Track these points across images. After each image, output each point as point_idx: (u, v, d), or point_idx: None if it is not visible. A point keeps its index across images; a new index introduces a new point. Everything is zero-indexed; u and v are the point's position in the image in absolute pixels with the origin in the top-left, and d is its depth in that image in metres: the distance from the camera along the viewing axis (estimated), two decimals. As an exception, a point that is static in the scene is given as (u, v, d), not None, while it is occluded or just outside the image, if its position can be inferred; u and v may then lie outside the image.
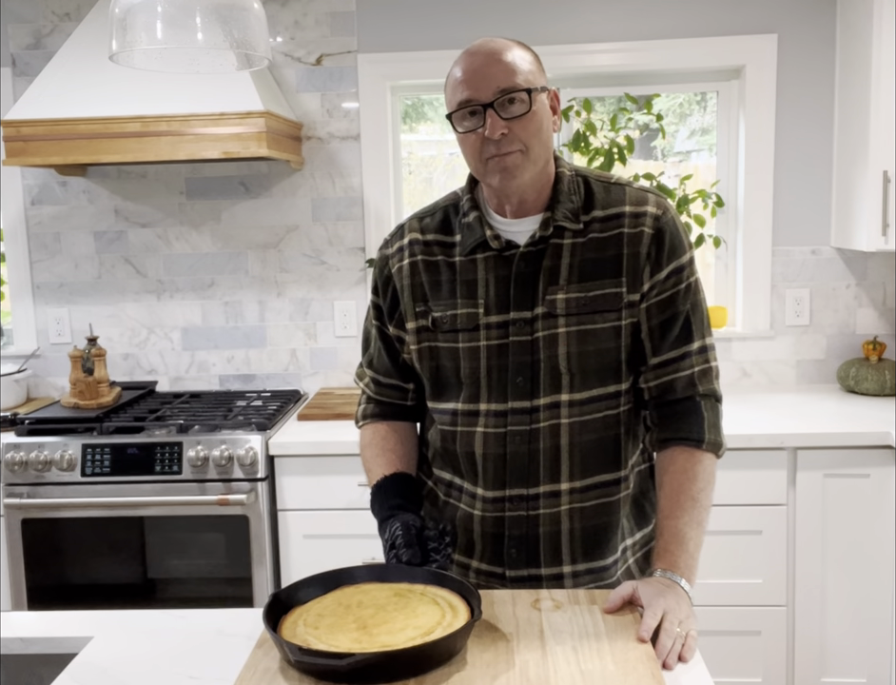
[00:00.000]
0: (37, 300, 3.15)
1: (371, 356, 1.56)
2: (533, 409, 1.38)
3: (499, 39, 1.34)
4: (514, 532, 1.42)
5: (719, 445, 1.41)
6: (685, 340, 1.40)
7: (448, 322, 1.41)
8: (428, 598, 1.25)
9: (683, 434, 1.40)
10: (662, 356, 1.40)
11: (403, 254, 1.47)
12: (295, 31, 2.98)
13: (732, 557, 2.49)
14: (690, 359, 1.40)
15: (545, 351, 1.37)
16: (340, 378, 3.13)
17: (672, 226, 1.38)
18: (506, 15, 2.92)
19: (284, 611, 1.24)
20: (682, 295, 1.39)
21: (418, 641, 1.11)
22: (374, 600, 1.25)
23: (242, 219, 3.08)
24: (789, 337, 3.00)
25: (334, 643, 1.13)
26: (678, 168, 3.16)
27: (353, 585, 1.31)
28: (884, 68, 2.54)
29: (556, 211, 1.37)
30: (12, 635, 1.37)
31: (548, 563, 1.43)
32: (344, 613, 1.22)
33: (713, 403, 1.43)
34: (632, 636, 1.21)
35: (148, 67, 1.46)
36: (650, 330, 1.39)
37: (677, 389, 1.41)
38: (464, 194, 1.45)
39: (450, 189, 1.53)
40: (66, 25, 2.98)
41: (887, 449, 2.41)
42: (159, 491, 2.52)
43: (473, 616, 1.17)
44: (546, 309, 1.36)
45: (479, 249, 1.40)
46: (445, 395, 1.45)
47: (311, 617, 1.21)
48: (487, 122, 1.29)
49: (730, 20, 2.89)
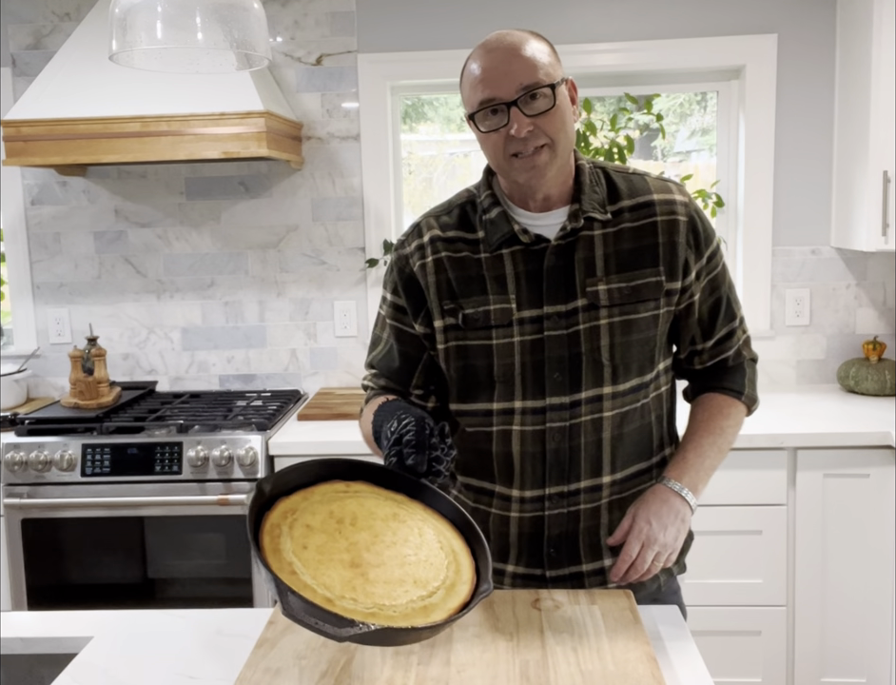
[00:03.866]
0: (37, 300, 3.15)
1: (377, 355, 1.51)
2: (573, 404, 1.37)
3: (515, 32, 1.32)
4: (553, 531, 1.42)
5: (754, 400, 1.50)
6: (731, 318, 1.47)
7: (481, 319, 1.38)
8: (429, 532, 1.15)
9: (726, 384, 1.49)
10: (715, 337, 1.46)
11: (425, 251, 1.42)
12: (295, 31, 2.98)
13: (732, 557, 2.49)
14: (736, 334, 1.48)
15: (586, 344, 1.36)
16: (341, 378, 3.13)
17: (700, 213, 1.42)
18: (506, 15, 2.92)
19: (269, 505, 1.11)
20: (721, 276, 1.45)
21: (418, 605, 1.04)
22: (369, 519, 1.14)
23: (242, 219, 3.08)
24: (789, 337, 3.00)
25: (324, 581, 1.03)
26: (678, 168, 3.17)
27: (345, 482, 1.19)
28: (884, 67, 2.54)
29: (584, 203, 1.36)
30: (12, 635, 1.37)
31: (588, 559, 1.43)
32: (336, 531, 1.11)
33: (752, 364, 1.53)
34: (632, 635, 1.21)
35: (148, 67, 1.46)
36: (700, 316, 1.44)
37: (729, 361, 1.49)
38: (482, 191, 1.43)
39: (450, 189, 1.53)
40: (66, 25, 2.98)
41: (887, 449, 2.41)
42: (159, 491, 2.52)
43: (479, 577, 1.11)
44: (588, 301, 1.35)
45: (506, 244, 1.38)
46: (474, 395, 1.42)
47: (298, 529, 1.09)
48: (512, 120, 1.28)
49: (730, 20, 2.89)
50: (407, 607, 1.04)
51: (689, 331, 1.45)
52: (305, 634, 1.23)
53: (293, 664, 1.17)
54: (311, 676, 1.14)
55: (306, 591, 1.00)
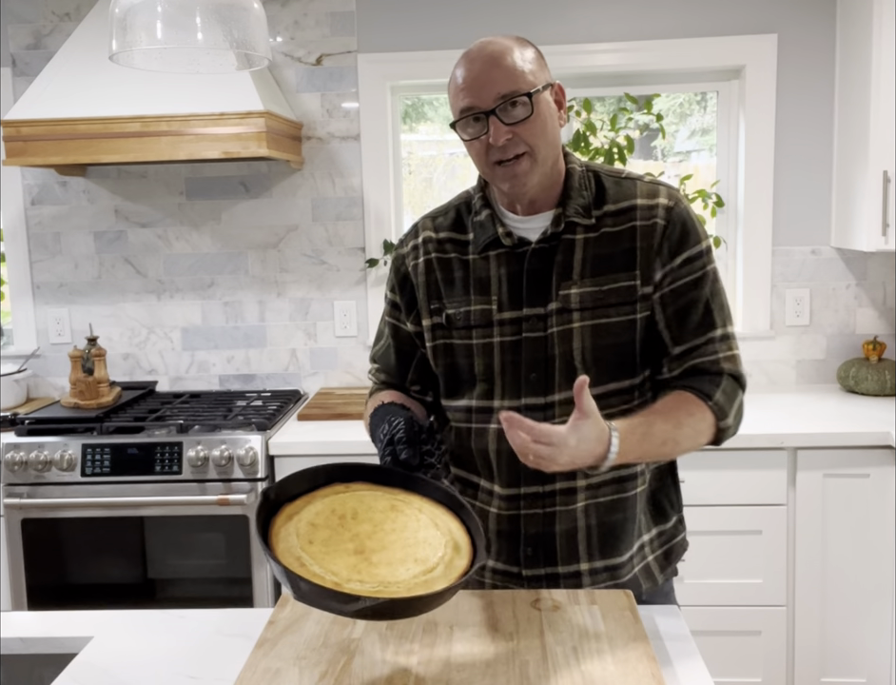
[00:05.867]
0: (37, 300, 3.15)
1: (378, 349, 1.58)
2: (547, 405, 1.38)
3: (499, 40, 1.33)
4: (529, 531, 1.42)
5: (725, 413, 1.35)
6: (708, 327, 1.37)
7: (462, 319, 1.41)
8: (426, 517, 1.20)
9: (696, 385, 1.36)
10: (685, 344, 1.37)
11: (418, 252, 1.48)
12: (295, 31, 2.98)
13: (732, 557, 2.49)
14: (713, 345, 1.37)
15: (560, 347, 1.37)
16: (341, 378, 3.13)
17: (684, 216, 1.37)
18: (506, 15, 2.92)
19: (275, 511, 1.18)
20: (699, 283, 1.37)
21: (420, 580, 1.09)
22: (369, 512, 1.20)
23: (242, 219, 3.08)
24: (789, 337, 3.00)
25: (332, 568, 1.09)
26: (678, 168, 3.16)
27: (344, 484, 1.25)
28: (884, 68, 2.54)
29: (568, 207, 1.37)
30: (12, 635, 1.37)
31: (565, 561, 1.42)
32: (339, 526, 1.17)
33: (733, 382, 1.38)
34: (632, 635, 1.21)
35: (148, 67, 1.46)
36: (667, 319, 1.37)
37: (702, 369, 1.37)
38: (476, 193, 1.46)
39: (450, 189, 1.54)
40: (66, 25, 2.98)
41: (887, 449, 2.41)
42: (159, 491, 2.52)
43: (474, 549, 1.16)
44: (560, 304, 1.36)
45: (492, 247, 1.40)
46: (459, 392, 1.45)
47: (304, 527, 1.15)
48: (490, 129, 1.29)
49: (730, 20, 2.88)
50: (410, 582, 1.08)
51: (660, 336, 1.39)
52: (305, 634, 1.25)
53: (293, 664, 1.17)
54: (311, 676, 1.14)
55: (315, 579, 1.06)
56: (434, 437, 1.29)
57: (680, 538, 1.53)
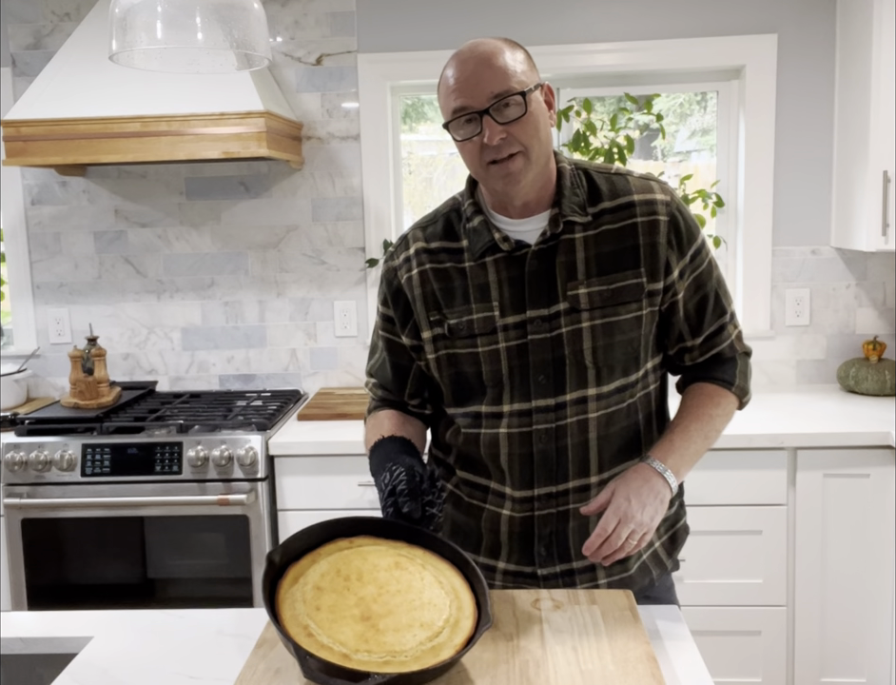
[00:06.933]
0: (37, 300, 3.15)
1: (374, 364, 1.57)
2: (558, 406, 1.38)
3: (489, 41, 1.33)
4: (543, 531, 1.43)
5: (745, 391, 1.49)
6: (721, 313, 1.46)
7: (465, 328, 1.41)
8: (430, 576, 1.22)
9: (717, 374, 1.47)
10: (704, 333, 1.46)
11: (411, 264, 1.45)
12: (295, 31, 2.98)
13: (732, 557, 2.49)
14: (727, 328, 1.47)
15: (569, 347, 1.37)
16: (341, 378, 3.13)
17: (683, 210, 1.41)
18: (506, 15, 2.92)
19: (280, 574, 1.20)
20: (707, 273, 1.44)
21: (426, 646, 1.11)
22: (374, 571, 1.21)
23: (242, 219, 3.08)
24: (789, 337, 3.00)
25: (339, 638, 1.11)
26: (678, 168, 3.16)
27: (347, 539, 1.27)
28: (884, 68, 2.54)
29: (563, 206, 1.37)
30: (12, 635, 1.37)
31: (579, 557, 1.43)
32: (344, 588, 1.18)
33: (745, 358, 1.51)
34: (632, 635, 1.21)
35: (148, 67, 1.47)
36: (686, 313, 1.43)
37: (721, 356, 1.48)
38: (465, 199, 1.45)
39: (450, 189, 1.54)
40: (66, 25, 2.98)
41: (887, 449, 2.41)
42: (159, 491, 2.52)
43: (480, 610, 1.17)
44: (569, 305, 1.36)
45: (489, 253, 1.40)
46: (468, 400, 1.44)
47: (310, 592, 1.17)
48: (484, 129, 1.29)
49: (731, 20, 2.88)
50: (417, 650, 1.11)
51: (676, 329, 1.45)
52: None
53: (293, 664, 1.17)
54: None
55: (323, 651, 1.08)
56: (435, 485, 1.30)
57: (682, 521, 1.55)
